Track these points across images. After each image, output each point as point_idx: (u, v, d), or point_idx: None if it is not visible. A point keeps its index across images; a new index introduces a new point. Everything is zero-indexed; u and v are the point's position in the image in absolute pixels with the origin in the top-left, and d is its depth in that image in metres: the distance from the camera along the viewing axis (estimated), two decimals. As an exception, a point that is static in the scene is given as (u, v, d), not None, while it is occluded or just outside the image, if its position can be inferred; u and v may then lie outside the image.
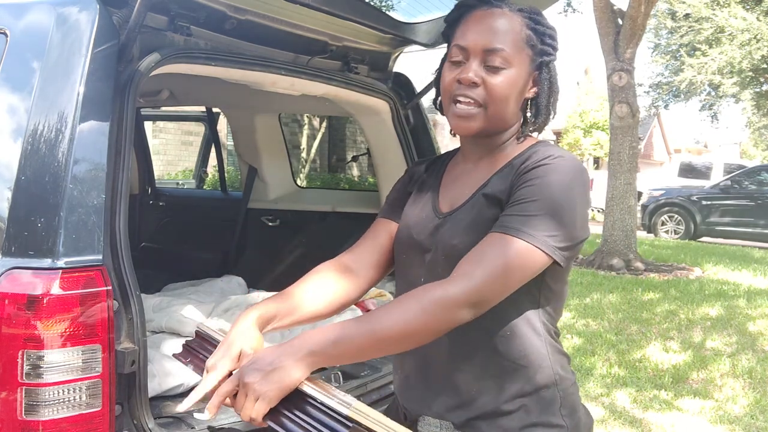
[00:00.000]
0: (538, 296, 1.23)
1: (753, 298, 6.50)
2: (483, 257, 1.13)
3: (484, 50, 1.22)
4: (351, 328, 1.10)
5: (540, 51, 1.26)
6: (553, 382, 1.24)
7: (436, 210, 1.32)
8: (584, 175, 1.22)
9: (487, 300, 1.13)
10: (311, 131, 15.53)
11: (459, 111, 1.24)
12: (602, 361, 4.72)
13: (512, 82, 1.23)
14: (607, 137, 12.03)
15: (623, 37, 8.31)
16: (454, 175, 1.36)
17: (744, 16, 15.79)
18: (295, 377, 1.05)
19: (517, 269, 1.13)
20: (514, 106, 1.26)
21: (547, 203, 1.15)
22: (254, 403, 1.04)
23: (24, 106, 1.48)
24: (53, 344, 1.33)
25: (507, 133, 1.30)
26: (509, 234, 1.14)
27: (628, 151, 8.41)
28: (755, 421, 3.73)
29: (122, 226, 1.49)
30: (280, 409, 1.05)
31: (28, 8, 1.61)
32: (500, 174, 1.26)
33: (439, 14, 2.31)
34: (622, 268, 8.21)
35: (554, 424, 1.23)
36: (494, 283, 1.12)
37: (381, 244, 1.38)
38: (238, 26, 1.94)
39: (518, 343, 1.22)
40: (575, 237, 1.18)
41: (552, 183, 1.16)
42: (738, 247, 11.70)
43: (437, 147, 2.65)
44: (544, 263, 1.15)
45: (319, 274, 1.33)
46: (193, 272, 3.49)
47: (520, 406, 1.22)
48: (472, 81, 1.21)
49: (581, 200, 1.19)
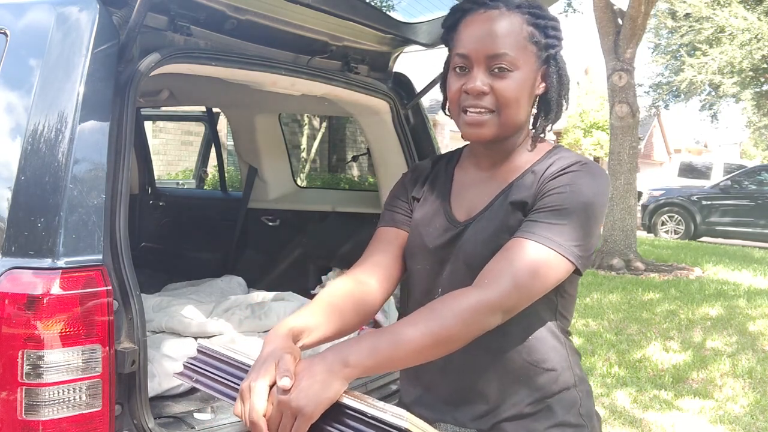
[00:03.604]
0: (556, 301, 1.24)
1: (753, 298, 6.50)
2: (513, 263, 1.12)
3: (487, 57, 1.18)
4: (385, 339, 1.06)
5: (545, 45, 1.22)
6: (573, 383, 1.27)
7: (451, 218, 1.29)
8: (608, 185, 1.23)
9: (516, 306, 1.13)
10: (311, 131, 15.53)
11: (470, 119, 1.21)
12: (602, 361, 4.72)
13: (521, 84, 1.20)
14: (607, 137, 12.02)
15: (623, 37, 8.31)
16: (466, 181, 1.33)
17: (744, 16, 15.78)
18: (334, 390, 0.98)
19: (546, 277, 1.14)
20: (525, 107, 1.24)
21: (576, 213, 1.16)
22: (293, 421, 0.96)
23: (24, 106, 1.48)
24: (53, 344, 1.33)
25: (520, 135, 1.28)
26: (539, 242, 1.14)
27: (628, 151, 8.41)
28: (755, 421, 3.73)
29: (122, 226, 1.49)
30: (322, 425, 0.98)
31: (28, 8, 1.61)
32: (522, 181, 1.24)
33: (440, 14, 2.31)
34: (622, 268, 8.21)
35: (575, 423, 1.25)
36: (523, 290, 1.12)
37: (391, 255, 1.33)
38: (238, 26, 1.94)
39: (540, 347, 1.24)
40: (594, 245, 1.21)
41: (580, 193, 1.17)
42: (738, 247, 11.70)
43: (437, 147, 2.65)
44: (569, 271, 1.17)
45: (340, 289, 1.26)
46: (193, 272, 3.49)
47: (544, 407, 1.23)
48: (479, 91, 1.18)
49: (603, 210, 1.20)
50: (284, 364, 1.00)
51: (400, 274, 1.35)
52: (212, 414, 1.76)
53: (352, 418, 0.98)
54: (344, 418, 0.98)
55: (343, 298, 1.23)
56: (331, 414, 0.98)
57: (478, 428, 1.25)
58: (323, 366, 1.00)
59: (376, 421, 0.95)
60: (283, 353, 1.02)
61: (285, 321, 1.13)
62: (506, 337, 1.19)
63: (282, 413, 0.97)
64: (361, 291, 1.26)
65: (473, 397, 1.25)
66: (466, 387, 1.26)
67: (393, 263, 1.32)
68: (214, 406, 1.81)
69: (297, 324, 1.13)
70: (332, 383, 0.98)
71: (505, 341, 1.21)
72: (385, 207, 1.41)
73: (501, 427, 1.23)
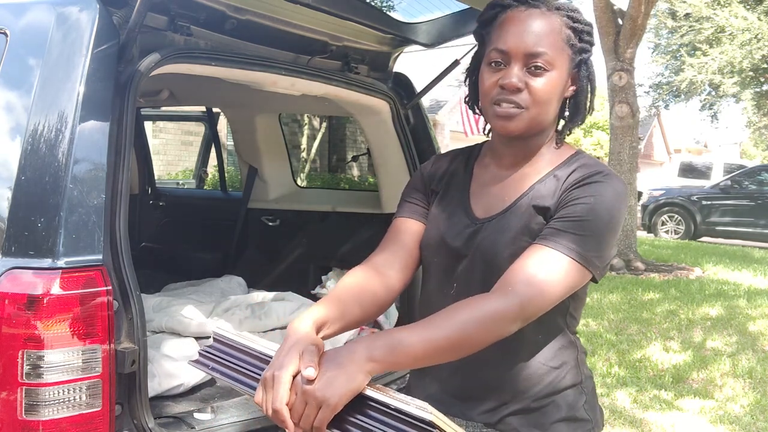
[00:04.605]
0: (568, 303, 1.26)
1: (753, 298, 6.50)
2: (535, 272, 1.14)
3: (526, 54, 1.20)
4: (408, 336, 1.08)
5: (579, 49, 1.25)
6: (580, 380, 1.30)
7: (470, 215, 1.30)
8: (627, 195, 1.26)
9: (536, 314, 1.16)
10: (311, 131, 15.53)
11: (502, 111, 1.22)
12: (602, 361, 4.72)
13: (555, 84, 1.22)
14: (607, 137, 12.03)
15: (623, 37, 8.31)
16: (486, 178, 1.34)
17: (745, 16, 15.77)
18: (358, 383, 1.00)
19: (566, 286, 1.17)
20: (555, 107, 1.26)
21: (597, 225, 1.18)
22: (317, 411, 0.98)
23: (24, 106, 1.48)
24: (53, 344, 1.33)
25: (544, 135, 1.29)
26: (561, 252, 1.16)
27: (628, 151, 8.41)
28: (755, 421, 3.73)
29: (122, 226, 1.49)
30: (344, 416, 0.99)
31: (28, 8, 1.61)
32: (544, 183, 1.26)
33: (439, 14, 2.31)
34: (622, 268, 8.21)
35: (580, 418, 1.29)
36: (545, 299, 1.15)
37: (408, 246, 1.35)
38: (239, 26, 1.94)
39: (551, 347, 1.27)
40: (612, 255, 1.24)
41: (603, 205, 1.19)
42: (738, 247, 11.70)
43: (437, 147, 2.65)
44: (586, 280, 1.20)
45: (357, 280, 1.28)
46: (193, 272, 3.49)
47: (550, 402, 1.26)
48: (516, 87, 1.20)
49: (622, 221, 1.23)
50: (309, 354, 1.02)
51: (417, 265, 1.37)
52: (212, 414, 1.76)
53: (375, 409, 0.99)
54: (367, 410, 0.99)
55: (362, 288, 1.26)
56: (354, 405, 1.00)
57: (485, 422, 1.28)
58: (348, 358, 1.02)
59: (400, 413, 0.96)
60: (308, 344, 1.05)
61: (306, 313, 1.15)
62: (519, 338, 1.20)
63: (306, 403, 0.99)
64: (378, 281, 1.28)
65: (483, 393, 1.28)
66: (477, 383, 1.28)
67: (410, 254, 1.34)
68: (214, 406, 1.81)
69: (319, 315, 1.15)
70: (357, 376, 1.00)
71: (518, 341, 1.22)
72: (403, 197, 1.43)
73: (507, 422, 1.26)
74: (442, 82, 2.49)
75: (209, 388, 2.05)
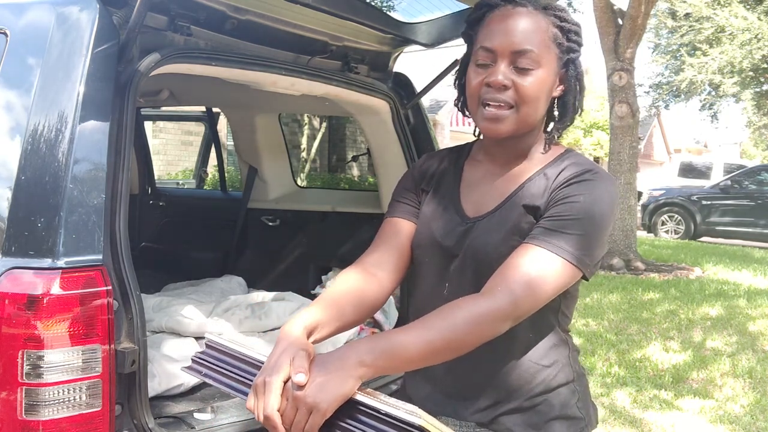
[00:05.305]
0: (559, 301, 1.26)
1: (753, 298, 6.50)
2: (524, 272, 1.14)
3: (512, 52, 1.20)
4: (400, 339, 1.08)
5: (566, 48, 1.25)
6: (572, 378, 1.31)
7: (461, 214, 1.30)
8: (617, 193, 1.26)
9: (527, 313, 1.16)
10: (311, 131, 15.52)
11: (489, 114, 1.22)
12: (602, 360, 4.72)
13: (542, 83, 1.22)
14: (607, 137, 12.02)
15: (623, 37, 8.31)
16: (476, 177, 1.34)
17: (745, 16, 15.77)
18: (349, 388, 1.00)
19: (556, 285, 1.17)
20: (543, 107, 1.26)
21: (587, 223, 1.18)
22: (307, 417, 0.98)
23: (24, 106, 1.48)
24: (53, 344, 1.33)
25: (533, 134, 1.29)
26: (550, 251, 1.16)
27: (628, 151, 8.41)
28: (755, 421, 3.73)
29: (122, 226, 1.49)
30: (335, 421, 1.00)
31: (28, 8, 1.61)
32: (533, 183, 1.26)
33: (439, 14, 2.31)
34: (622, 267, 8.21)
35: (573, 416, 1.29)
36: (536, 298, 1.15)
37: (400, 245, 1.34)
38: (238, 26, 1.94)
39: (542, 346, 1.27)
40: (602, 253, 1.24)
41: (592, 203, 1.19)
42: (738, 247, 11.70)
43: (437, 147, 2.65)
44: (577, 278, 1.20)
45: (348, 281, 1.27)
46: (193, 272, 3.49)
47: (543, 401, 1.26)
48: (502, 84, 1.20)
49: (612, 219, 1.23)
50: (299, 360, 1.02)
51: (408, 265, 1.36)
52: (212, 414, 1.76)
53: (366, 414, 0.99)
54: (358, 415, 1.00)
55: (354, 289, 1.25)
56: (345, 410, 1.00)
57: (478, 421, 1.28)
58: (339, 364, 1.02)
59: (390, 417, 0.96)
60: (298, 350, 1.04)
61: (298, 317, 1.15)
62: (511, 336, 1.20)
63: (297, 409, 0.99)
64: (369, 282, 1.28)
65: (475, 393, 1.28)
66: (470, 383, 1.28)
67: (401, 254, 1.34)
68: (214, 406, 1.81)
69: (310, 319, 1.14)
70: (347, 381, 1.00)
71: (509, 341, 1.22)
72: (394, 197, 1.42)
73: (500, 421, 1.26)
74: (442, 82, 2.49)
75: (209, 388, 2.04)
